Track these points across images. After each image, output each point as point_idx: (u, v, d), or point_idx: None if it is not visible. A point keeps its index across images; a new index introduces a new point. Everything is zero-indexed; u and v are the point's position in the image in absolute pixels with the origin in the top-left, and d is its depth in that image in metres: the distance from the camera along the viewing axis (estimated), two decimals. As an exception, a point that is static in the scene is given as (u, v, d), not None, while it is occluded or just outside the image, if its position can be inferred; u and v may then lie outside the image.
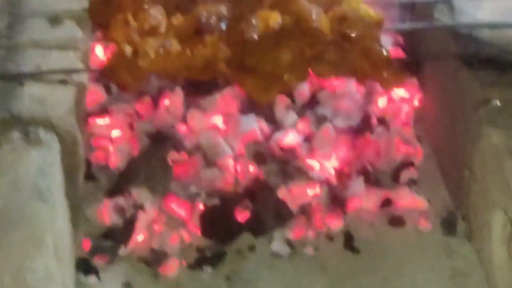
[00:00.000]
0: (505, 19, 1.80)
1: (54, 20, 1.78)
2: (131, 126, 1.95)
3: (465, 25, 1.81)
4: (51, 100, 1.63)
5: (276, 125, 1.97)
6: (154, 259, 1.74)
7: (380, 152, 1.93)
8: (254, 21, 1.70)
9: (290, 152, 1.92)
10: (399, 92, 2.01)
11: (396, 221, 1.82)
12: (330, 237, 1.79)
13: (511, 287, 1.56)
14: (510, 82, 1.69)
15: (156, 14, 1.73)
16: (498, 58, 1.73)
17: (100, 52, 1.97)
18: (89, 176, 1.86)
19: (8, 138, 1.55)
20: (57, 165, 1.56)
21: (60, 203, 1.53)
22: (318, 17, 1.71)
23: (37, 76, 1.67)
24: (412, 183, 1.89)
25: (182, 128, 1.94)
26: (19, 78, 1.65)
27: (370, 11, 1.77)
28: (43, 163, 1.52)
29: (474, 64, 1.74)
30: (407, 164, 1.92)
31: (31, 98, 1.62)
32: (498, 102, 1.67)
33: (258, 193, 1.83)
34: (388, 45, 1.98)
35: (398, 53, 2.03)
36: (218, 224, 1.79)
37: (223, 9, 1.72)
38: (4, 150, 1.53)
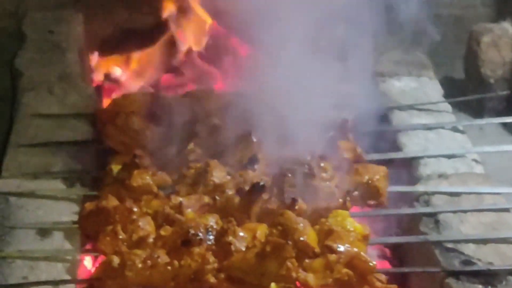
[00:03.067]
0: (489, 233, 1.84)
1: (43, 232, 1.80)
2: None
3: (450, 241, 1.83)
4: (36, 310, 1.63)
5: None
6: None
7: None
8: (241, 233, 1.73)
9: None
10: (387, 304, 2.00)
11: None
12: None
13: None
14: (496, 295, 1.71)
15: (145, 226, 1.76)
16: (483, 271, 1.75)
17: (88, 263, 1.97)
18: None
19: None
20: None
21: None
22: (305, 230, 1.74)
23: (24, 287, 1.67)
24: None
25: None
26: (6, 290, 1.66)
27: (357, 225, 1.80)
28: None
29: (460, 276, 1.75)
30: None
31: (15, 310, 1.62)
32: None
33: None
34: (374, 257, 2.00)
35: (384, 265, 2.03)
36: None
37: (211, 221, 1.76)
38: None
